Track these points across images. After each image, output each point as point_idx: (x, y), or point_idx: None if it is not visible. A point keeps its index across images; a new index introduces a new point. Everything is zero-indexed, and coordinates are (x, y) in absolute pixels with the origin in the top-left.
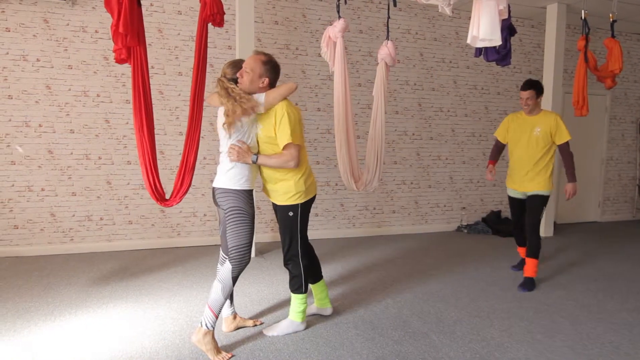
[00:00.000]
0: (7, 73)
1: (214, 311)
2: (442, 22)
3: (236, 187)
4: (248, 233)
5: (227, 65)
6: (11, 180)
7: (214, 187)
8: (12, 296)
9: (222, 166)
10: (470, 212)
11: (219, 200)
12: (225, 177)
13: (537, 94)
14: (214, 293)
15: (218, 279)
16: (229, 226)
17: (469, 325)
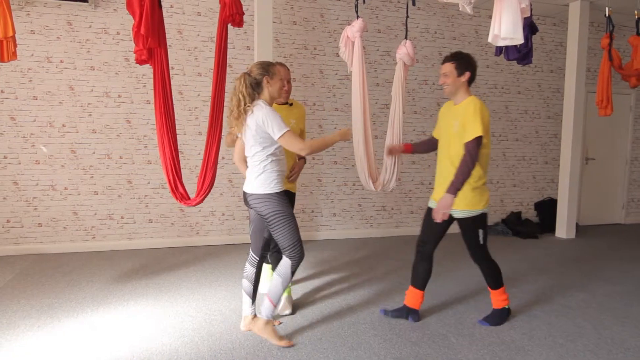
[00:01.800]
0: (32, 74)
1: (273, 302)
2: (462, 21)
3: (268, 192)
4: (294, 231)
5: (256, 64)
6: (35, 179)
7: (246, 192)
8: (37, 292)
9: (252, 170)
10: (490, 213)
11: (253, 205)
12: (256, 182)
13: (460, 70)
14: (274, 287)
15: (278, 273)
16: (274, 230)
17: (489, 328)
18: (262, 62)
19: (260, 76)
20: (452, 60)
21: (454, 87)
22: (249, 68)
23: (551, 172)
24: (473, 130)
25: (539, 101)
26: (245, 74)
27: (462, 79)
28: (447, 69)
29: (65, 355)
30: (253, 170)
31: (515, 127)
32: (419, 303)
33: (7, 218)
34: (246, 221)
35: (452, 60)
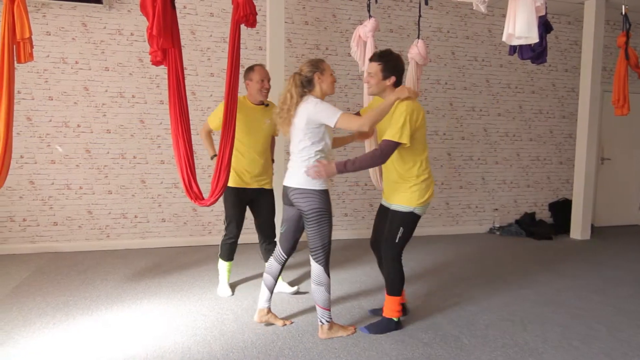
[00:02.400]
0: (48, 75)
1: (326, 307)
2: (475, 20)
3: (316, 188)
4: (329, 233)
5: (304, 62)
6: (51, 178)
7: (288, 186)
8: (52, 290)
9: (298, 165)
10: (503, 214)
11: (295, 200)
12: (302, 177)
13: (385, 73)
14: (319, 294)
15: (317, 283)
16: (310, 227)
17: (502, 329)
18: (312, 60)
19: (311, 73)
20: (380, 61)
21: (378, 89)
22: (299, 67)
23: (566, 172)
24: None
25: (553, 100)
26: (296, 73)
27: (387, 82)
28: (373, 69)
29: (80, 352)
30: (299, 165)
31: (529, 127)
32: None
33: (23, 217)
34: None
35: (379, 61)
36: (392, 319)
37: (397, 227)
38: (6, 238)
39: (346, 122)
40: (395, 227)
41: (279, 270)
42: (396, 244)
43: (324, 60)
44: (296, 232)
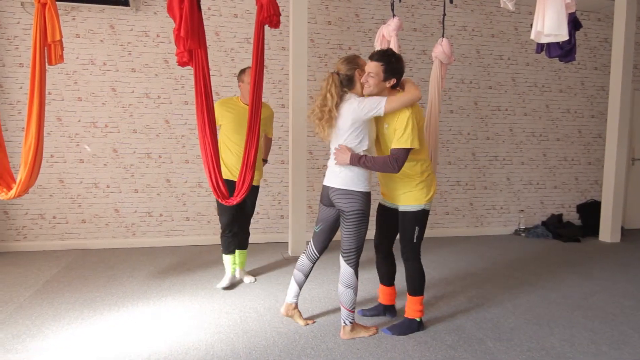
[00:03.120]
0: (77, 77)
1: (351, 309)
2: (500, 18)
3: (359, 189)
4: (364, 236)
5: (341, 61)
6: (80, 177)
7: (330, 186)
8: (80, 286)
9: (340, 165)
10: (529, 215)
11: (337, 200)
12: (347, 177)
13: (387, 75)
14: (347, 296)
15: (345, 285)
16: (348, 228)
17: (528, 333)
18: (348, 58)
19: (352, 71)
20: (382, 62)
21: (377, 90)
22: (336, 66)
23: (595, 173)
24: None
25: (582, 99)
26: (334, 73)
27: (387, 84)
28: (375, 69)
29: (106, 347)
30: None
31: (556, 127)
32: (393, 298)
33: (53, 214)
34: (280, 220)
35: (381, 61)
36: (414, 320)
37: (413, 226)
38: (37, 235)
39: (393, 104)
40: (411, 227)
41: (310, 268)
42: (415, 244)
43: (358, 55)
44: (331, 232)
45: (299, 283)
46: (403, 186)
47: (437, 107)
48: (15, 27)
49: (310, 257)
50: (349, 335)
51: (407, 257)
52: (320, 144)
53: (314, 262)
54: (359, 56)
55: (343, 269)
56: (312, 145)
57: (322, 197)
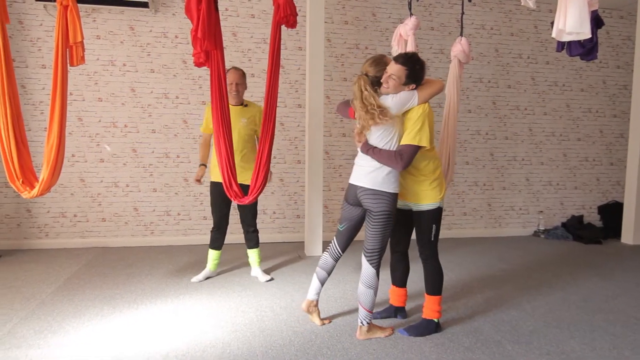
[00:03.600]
0: (98, 77)
1: (370, 310)
2: (520, 16)
3: (390, 190)
4: (388, 237)
5: (369, 63)
6: (100, 176)
7: (359, 185)
8: (100, 284)
9: (370, 165)
10: (549, 216)
11: (365, 200)
12: (378, 178)
13: (409, 80)
14: (367, 297)
15: (367, 285)
16: (374, 229)
17: (547, 336)
18: (376, 59)
19: (381, 72)
20: (406, 67)
21: (395, 92)
22: (363, 68)
23: (617, 174)
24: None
25: (603, 99)
26: (362, 75)
27: (406, 88)
28: (398, 71)
29: (126, 344)
30: (374, 164)
31: (577, 127)
32: (403, 300)
33: (74, 213)
34: (297, 220)
35: (406, 66)
36: (432, 320)
37: (430, 225)
38: (58, 233)
39: (423, 94)
40: (428, 226)
41: (333, 266)
42: (433, 242)
43: (384, 54)
44: (355, 231)
45: (321, 280)
46: (419, 186)
47: (455, 106)
48: (38, 29)
49: (334, 255)
50: (365, 336)
51: (426, 257)
52: (336, 144)
53: (337, 260)
54: (385, 55)
55: (365, 268)
56: (329, 145)
57: (348, 196)
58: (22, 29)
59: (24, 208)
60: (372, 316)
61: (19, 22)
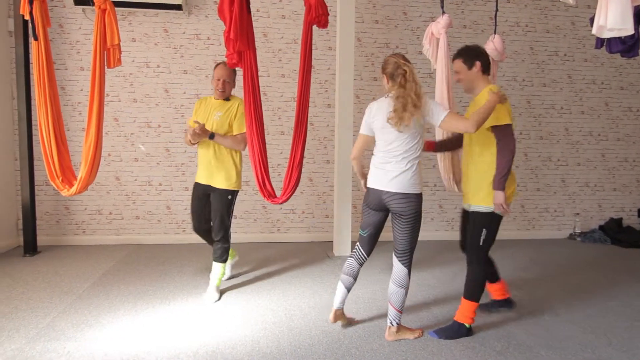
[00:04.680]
0: (133, 79)
1: (400, 310)
2: (556, 13)
3: (417, 191)
4: (418, 236)
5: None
6: (134, 175)
7: (384, 190)
8: (134, 280)
9: (398, 168)
10: (586, 219)
11: (394, 204)
12: (404, 180)
13: (469, 63)
14: (398, 296)
15: (398, 285)
16: (406, 230)
17: (583, 342)
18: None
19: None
20: (459, 57)
21: (469, 82)
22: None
23: None
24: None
25: None
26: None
27: (474, 70)
28: (457, 66)
29: (158, 339)
30: (400, 167)
31: (616, 126)
32: (505, 291)
33: (109, 210)
34: (325, 219)
35: (458, 57)
36: (464, 325)
37: (480, 229)
38: (94, 230)
39: (452, 122)
40: (478, 229)
41: (359, 271)
42: (480, 247)
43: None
44: (378, 235)
45: (348, 287)
46: (476, 184)
47: None
48: (77, 32)
49: (360, 260)
50: (394, 337)
51: (470, 261)
52: None
53: (362, 264)
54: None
55: (397, 268)
56: None
57: (370, 202)
58: (62, 32)
59: (63, 205)
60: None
61: (59, 26)
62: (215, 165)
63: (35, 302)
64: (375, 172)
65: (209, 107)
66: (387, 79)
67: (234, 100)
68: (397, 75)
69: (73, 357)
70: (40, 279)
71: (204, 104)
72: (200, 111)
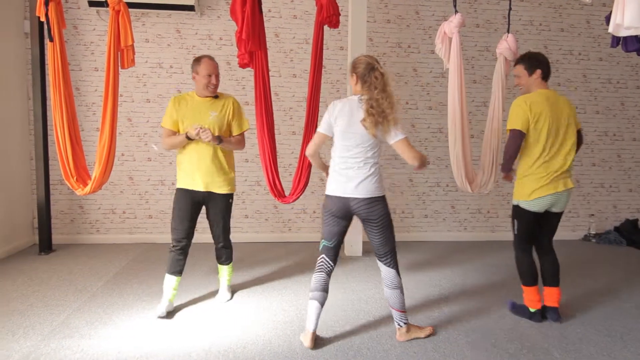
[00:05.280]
0: (146, 79)
1: (403, 310)
2: (571, 11)
3: (382, 194)
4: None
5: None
6: (147, 174)
7: (352, 197)
8: (147, 278)
9: (362, 173)
10: (601, 220)
11: (363, 210)
12: (370, 185)
13: (530, 70)
14: (396, 297)
15: (392, 287)
16: (382, 233)
17: (598, 345)
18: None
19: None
20: (521, 62)
21: (528, 86)
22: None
23: None
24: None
25: None
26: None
27: (534, 76)
28: (518, 70)
29: (171, 337)
30: (364, 172)
31: (632, 126)
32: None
33: (123, 210)
34: None
35: (521, 62)
36: (528, 308)
37: (513, 220)
38: (108, 229)
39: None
40: (512, 220)
41: (328, 282)
42: (515, 236)
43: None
44: (342, 241)
45: (322, 302)
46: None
47: (500, 105)
48: (91, 33)
49: (329, 270)
50: (405, 337)
51: (514, 248)
52: None
53: (331, 274)
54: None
55: (385, 271)
56: None
57: (336, 210)
58: (77, 33)
59: (77, 205)
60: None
61: (74, 27)
62: (215, 169)
63: (50, 300)
64: (337, 178)
65: (196, 106)
66: (357, 80)
67: (226, 98)
68: (370, 77)
69: (87, 354)
70: (55, 277)
71: (185, 103)
72: (184, 111)
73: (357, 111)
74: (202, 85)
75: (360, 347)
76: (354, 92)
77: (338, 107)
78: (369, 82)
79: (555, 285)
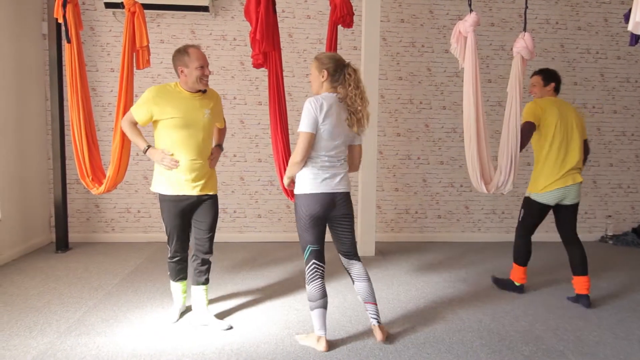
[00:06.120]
0: (161, 80)
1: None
2: (588, 9)
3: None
4: None
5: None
6: None
7: (339, 192)
8: (161, 277)
9: (339, 170)
10: (618, 221)
11: (347, 204)
12: (348, 180)
13: (546, 81)
14: (372, 290)
15: (368, 279)
16: (352, 229)
17: (615, 349)
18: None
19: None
20: (539, 74)
21: (540, 95)
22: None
23: None
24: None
25: None
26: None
27: (548, 88)
28: (535, 80)
29: (185, 336)
30: (343, 169)
31: None
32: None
33: (138, 209)
34: None
35: (539, 74)
36: (514, 282)
37: (521, 209)
38: (123, 227)
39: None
40: (520, 209)
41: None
42: (520, 223)
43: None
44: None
45: (326, 306)
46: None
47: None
48: (107, 35)
49: (322, 274)
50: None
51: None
52: (390, 144)
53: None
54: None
55: (358, 267)
56: (382, 145)
57: (321, 208)
58: (93, 34)
59: (93, 203)
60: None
61: (91, 29)
62: (208, 170)
63: (66, 297)
64: (322, 175)
65: (188, 103)
66: (328, 75)
67: (212, 92)
68: (341, 73)
69: (102, 351)
70: (71, 274)
71: (169, 96)
72: (170, 105)
73: (342, 111)
74: (194, 78)
75: (373, 348)
76: (322, 88)
77: (324, 106)
78: (341, 79)
79: (584, 274)
